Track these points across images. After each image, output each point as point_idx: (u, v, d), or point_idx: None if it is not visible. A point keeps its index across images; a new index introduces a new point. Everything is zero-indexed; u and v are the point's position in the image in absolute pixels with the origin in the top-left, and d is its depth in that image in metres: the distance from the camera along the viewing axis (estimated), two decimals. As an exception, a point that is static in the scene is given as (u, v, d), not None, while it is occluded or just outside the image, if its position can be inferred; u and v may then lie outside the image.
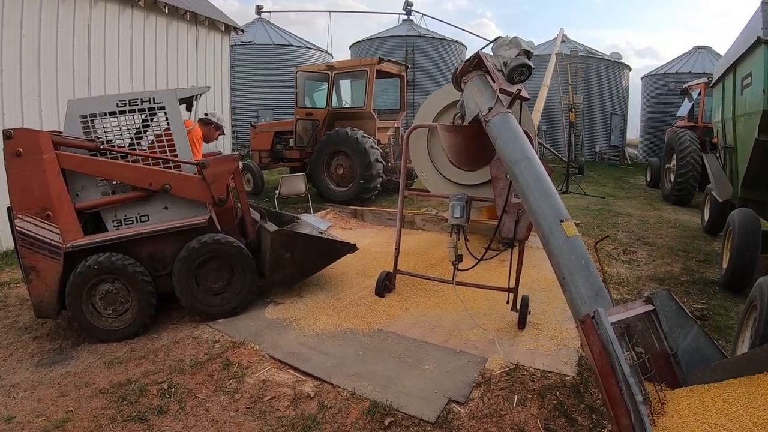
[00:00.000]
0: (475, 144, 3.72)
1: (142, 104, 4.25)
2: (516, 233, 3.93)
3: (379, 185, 9.40)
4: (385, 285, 4.74)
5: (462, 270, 4.26)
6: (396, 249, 4.69)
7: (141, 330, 4.08)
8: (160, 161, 4.30)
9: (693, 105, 11.95)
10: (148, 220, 4.34)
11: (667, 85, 16.56)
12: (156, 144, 4.36)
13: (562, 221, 2.85)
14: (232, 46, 19.73)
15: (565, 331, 4.11)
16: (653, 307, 2.78)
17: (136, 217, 4.32)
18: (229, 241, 4.32)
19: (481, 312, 4.47)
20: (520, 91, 3.32)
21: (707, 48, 22.76)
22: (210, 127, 5.29)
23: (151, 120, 4.38)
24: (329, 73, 9.87)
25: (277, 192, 8.25)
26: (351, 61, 10.89)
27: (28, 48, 7.13)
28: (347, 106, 10.63)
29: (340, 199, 9.42)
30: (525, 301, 4.18)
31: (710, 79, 11.50)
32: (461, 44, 23.45)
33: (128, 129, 4.31)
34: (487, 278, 5.04)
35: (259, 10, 23.80)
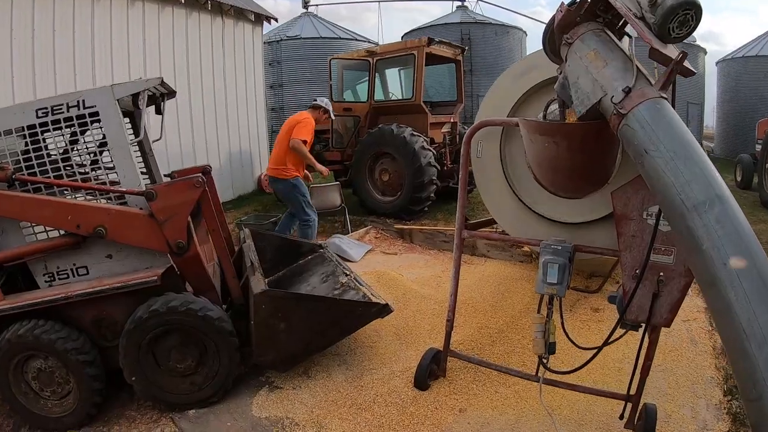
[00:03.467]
0: (584, 154, 2.01)
1: (68, 111, 2.91)
2: (652, 314, 2.16)
3: (432, 194, 7.67)
4: (430, 371, 3.06)
5: (558, 372, 2.54)
6: (448, 320, 2.99)
7: (87, 420, 2.98)
8: (96, 192, 2.97)
9: None
10: (87, 273, 3.04)
11: None
12: (87, 166, 3.10)
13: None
14: (277, 41, 18.79)
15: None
16: None
17: (71, 270, 3.04)
18: (192, 308, 2.85)
19: (573, 420, 2.75)
20: (684, 55, 1.62)
21: (791, 28, 19.39)
22: (319, 111, 5.26)
23: (82, 132, 3.05)
24: (369, 60, 8.25)
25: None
26: (395, 45, 9.13)
27: (20, 49, 6.17)
28: (394, 98, 9.00)
29: (385, 210, 7.84)
30: (651, 417, 2.41)
31: None
32: (521, 30, 21.38)
33: (51, 148, 3.03)
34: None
35: (305, 3, 22.72)
